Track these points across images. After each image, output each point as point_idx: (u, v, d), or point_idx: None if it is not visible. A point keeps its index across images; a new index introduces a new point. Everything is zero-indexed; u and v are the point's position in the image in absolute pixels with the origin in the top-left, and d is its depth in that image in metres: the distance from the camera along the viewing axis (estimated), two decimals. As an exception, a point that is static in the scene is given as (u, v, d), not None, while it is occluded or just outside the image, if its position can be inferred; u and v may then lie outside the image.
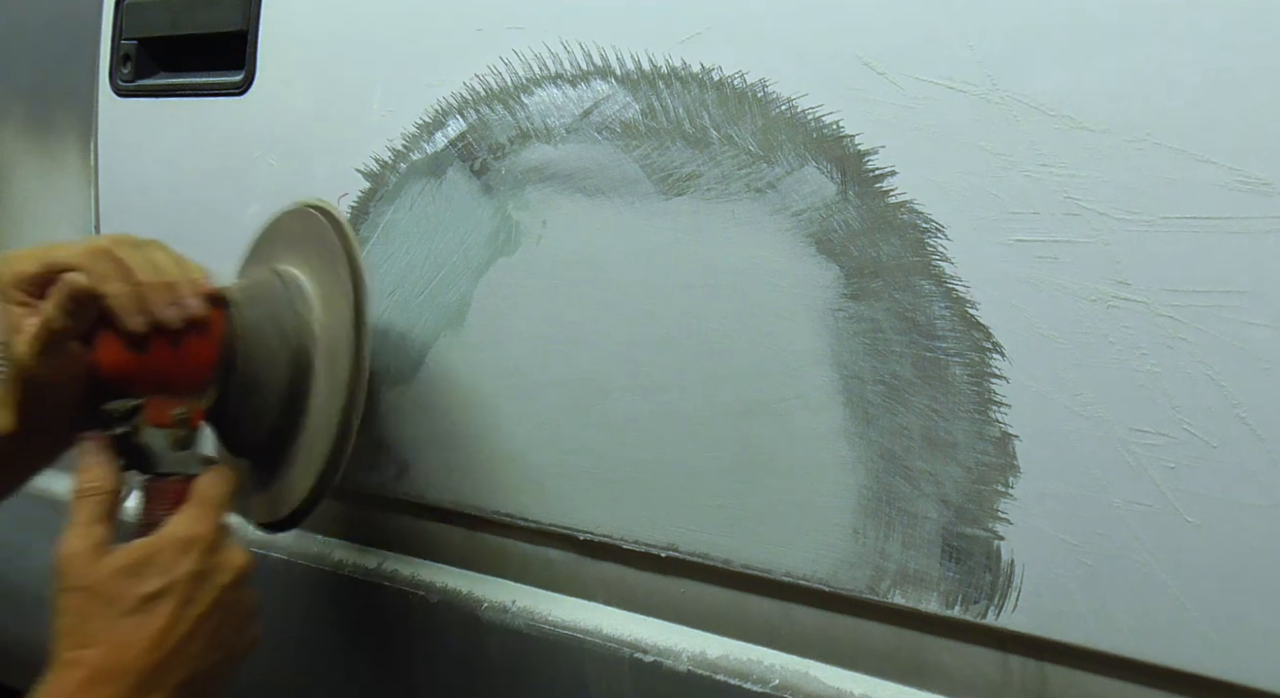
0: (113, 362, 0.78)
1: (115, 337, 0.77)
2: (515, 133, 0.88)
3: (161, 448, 0.79)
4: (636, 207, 0.83)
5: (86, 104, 1.18)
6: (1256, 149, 0.61)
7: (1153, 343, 0.64)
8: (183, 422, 0.79)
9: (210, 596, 0.75)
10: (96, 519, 0.76)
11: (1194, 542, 0.64)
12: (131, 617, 0.73)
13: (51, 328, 0.76)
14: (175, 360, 0.79)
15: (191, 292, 0.79)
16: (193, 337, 0.79)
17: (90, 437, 0.79)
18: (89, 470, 0.78)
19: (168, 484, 0.79)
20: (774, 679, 0.81)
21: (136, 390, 0.79)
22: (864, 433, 0.75)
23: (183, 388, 0.80)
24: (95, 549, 0.75)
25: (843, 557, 0.76)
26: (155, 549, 0.75)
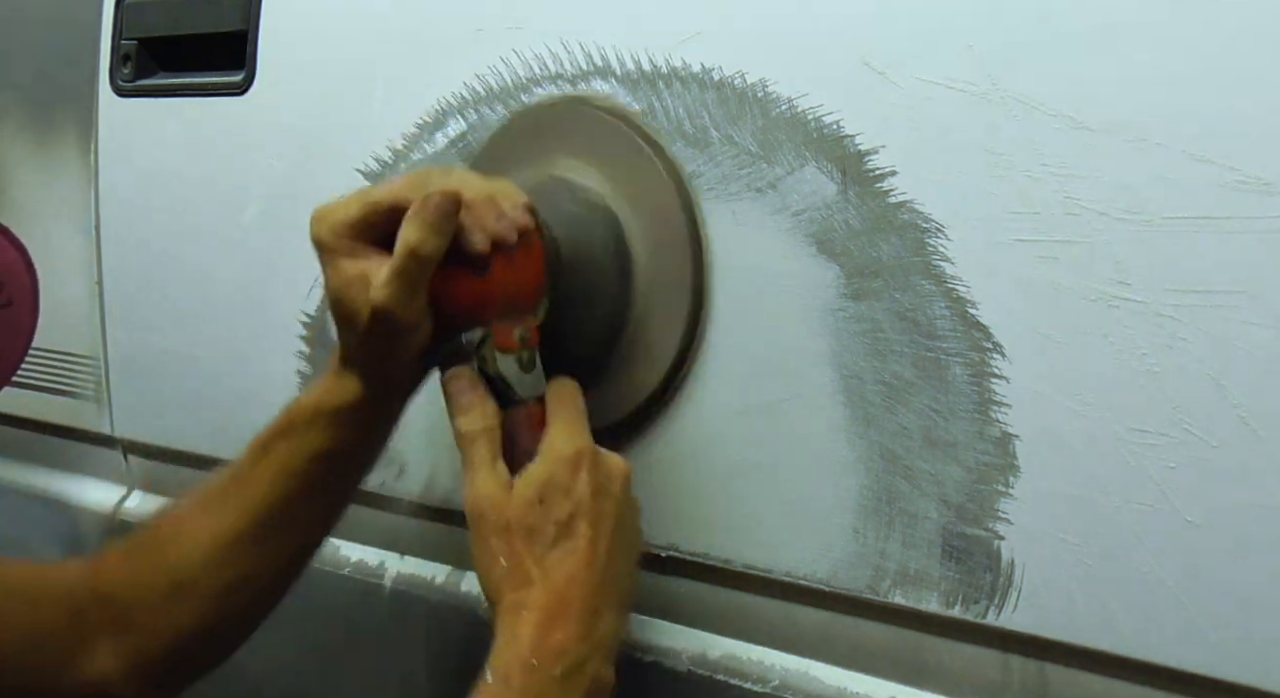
0: (459, 291, 0.74)
1: (455, 265, 0.73)
2: (515, 133, 0.88)
3: (512, 374, 0.76)
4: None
5: (86, 104, 1.18)
6: (1256, 149, 0.61)
7: (1153, 343, 0.64)
8: (525, 342, 0.76)
9: (613, 506, 0.74)
10: (494, 457, 0.74)
11: (1194, 542, 0.64)
12: (557, 546, 0.71)
13: (420, 252, 0.70)
14: (514, 278, 0.75)
15: (511, 204, 0.75)
16: (521, 251, 0.74)
17: (458, 373, 0.76)
18: (471, 409, 0.75)
19: (528, 409, 0.76)
20: (774, 679, 0.81)
21: (479, 318, 0.75)
22: (864, 433, 0.75)
23: (521, 307, 0.76)
24: (504, 487, 0.73)
25: (843, 557, 0.76)
26: (551, 474, 0.73)
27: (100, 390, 1.21)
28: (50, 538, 1.29)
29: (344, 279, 0.73)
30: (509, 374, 0.76)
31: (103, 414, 1.22)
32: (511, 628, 0.70)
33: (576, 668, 0.69)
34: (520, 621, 0.69)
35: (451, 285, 0.73)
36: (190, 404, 1.13)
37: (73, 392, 1.24)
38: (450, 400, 0.75)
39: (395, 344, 0.74)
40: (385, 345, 0.74)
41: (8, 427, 1.34)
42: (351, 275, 0.73)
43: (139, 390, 1.19)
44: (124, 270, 1.18)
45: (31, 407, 1.30)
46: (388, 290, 0.71)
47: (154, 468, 1.20)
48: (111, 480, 1.25)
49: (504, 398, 0.76)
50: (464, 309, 0.74)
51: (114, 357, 1.19)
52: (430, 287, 0.72)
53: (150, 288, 1.16)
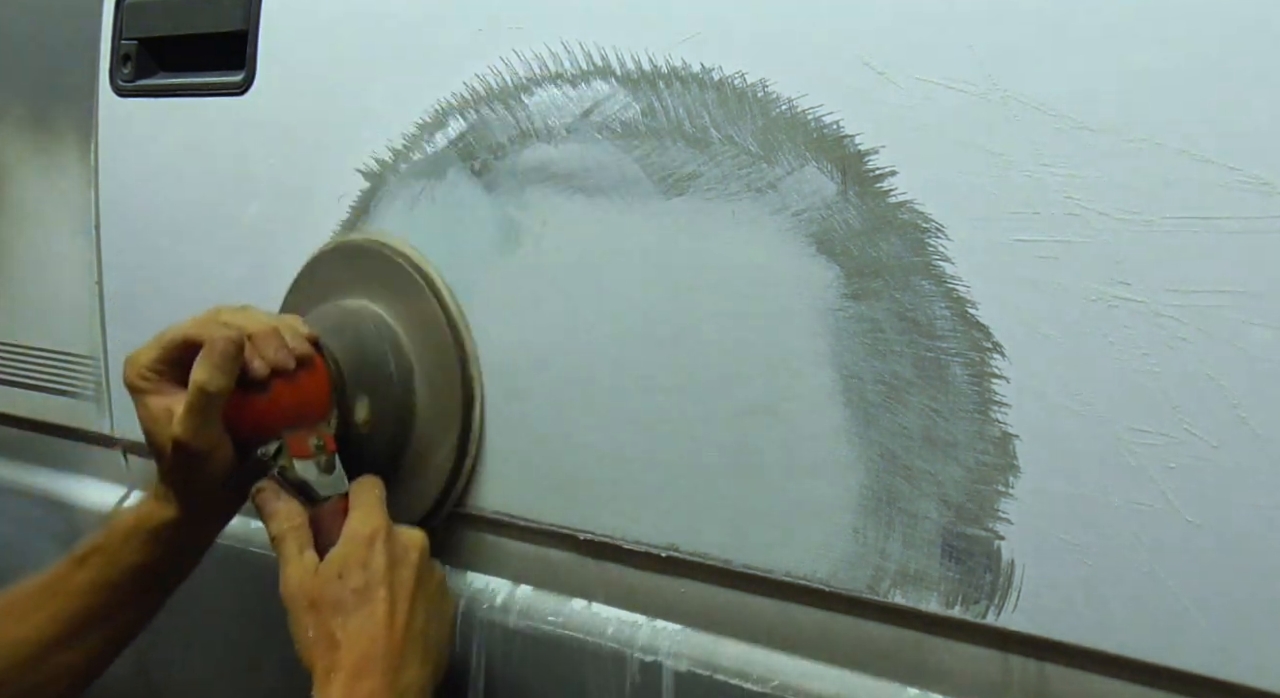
0: (247, 412, 0.84)
1: (242, 391, 0.83)
2: (515, 133, 0.89)
3: (313, 477, 0.86)
4: (636, 207, 0.83)
5: (86, 104, 1.18)
6: (1256, 149, 0.61)
7: (1153, 343, 0.64)
8: (320, 448, 0.86)
9: (410, 573, 0.82)
10: (301, 549, 0.83)
11: (1194, 542, 0.64)
12: (358, 612, 0.79)
13: (208, 390, 0.81)
14: (296, 396, 0.86)
15: (293, 335, 0.86)
16: (303, 371, 0.86)
17: (261, 486, 0.85)
18: (277, 512, 0.84)
19: (332, 505, 0.86)
20: (774, 679, 0.81)
21: (271, 433, 0.86)
22: (864, 433, 0.75)
23: (309, 418, 0.87)
24: (310, 571, 0.81)
25: (843, 557, 0.76)
26: (349, 551, 0.81)
27: (100, 390, 1.21)
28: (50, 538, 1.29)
29: (150, 415, 0.85)
30: (309, 477, 0.86)
31: (103, 414, 1.22)
32: (323, 690, 0.77)
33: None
34: (330, 682, 0.77)
35: (240, 408, 0.84)
36: (190, 404, 1.13)
37: (73, 392, 1.24)
38: (259, 511, 0.85)
39: (199, 469, 0.84)
40: (191, 470, 0.84)
41: (8, 427, 1.34)
42: (156, 412, 0.84)
43: (139, 390, 1.18)
44: (124, 270, 1.18)
45: (31, 407, 1.30)
46: (183, 425, 0.82)
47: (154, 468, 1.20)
48: (111, 480, 1.25)
49: (309, 498, 0.86)
50: (254, 428, 0.85)
51: (114, 357, 1.19)
52: (223, 413, 0.83)
53: (150, 288, 1.16)
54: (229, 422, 0.84)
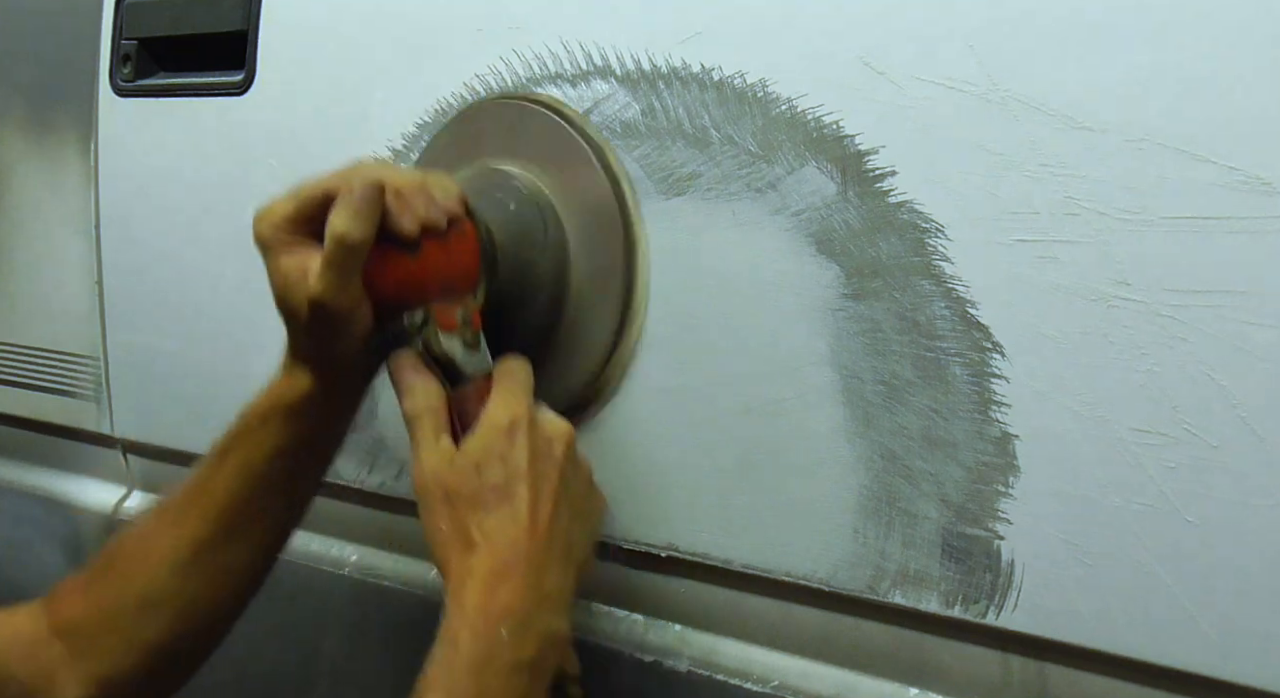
0: (392, 273, 0.76)
1: (387, 249, 0.75)
2: (515, 133, 0.88)
3: (457, 353, 0.78)
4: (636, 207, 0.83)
5: (86, 104, 1.18)
6: (1256, 149, 0.61)
7: (1153, 343, 0.64)
8: (467, 323, 0.78)
9: (553, 469, 0.75)
10: (437, 433, 0.75)
11: (1194, 542, 0.64)
12: (497, 511, 0.72)
13: (348, 240, 0.72)
14: (447, 260, 0.77)
15: (443, 194, 0.77)
16: (454, 234, 0.77)
17: (400, 356, 0.77)
18: (414, 390, 0.76)
19: (475, 386, 0.78)
20: (774, 679, 0.81)
21: (417, 300, 0.77)
22: (864, 433, 0.75)
23: (458, 288, 0.78)
24: (446, 460, 0.74)
25: (843, 557, 0.76)
26: (487, 442, 0.74)
27: (100, 390, 1.21)
28: (50, 538, 1.29)
29: (284, 275, 0.75)
30: (454, 353, 0.77)
31: (103, 414, 1.22)
32: (458, 595, 0.70)
33: (523, 626, 0.70)
34: (465, 587, 0.70)
35: (385, 269, 0.75)
36: (190, 404, 1.13)
37: (73, 392, 1.24)
38: (395, 384, 0.77)
39: (337, 333, 0.75)
40: (327, 335, 0.75)
41: (8, 427, 1.34)
42: (291, 270, 0.75)
43: (139, 390, 1.18)
44: (124, 270, 1.18)
45: (31, 407, 1.30)
46: (322, 282, 0.73)
47: (154, 468, 1.20)
48: (111, 480, 1.25)
49: (452, 377, 0.77)
50: (399, 291, 0.76)
51: (114, 357, 1.19)
52: (365, 273, 0.74)
53: (150, 288, 1.16)
54: (371, 283, 0.75)
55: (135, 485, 1.23)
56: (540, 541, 0.72)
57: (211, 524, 0.79)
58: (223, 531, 0.79)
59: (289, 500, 0.82)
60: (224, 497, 0.79)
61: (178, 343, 1.14)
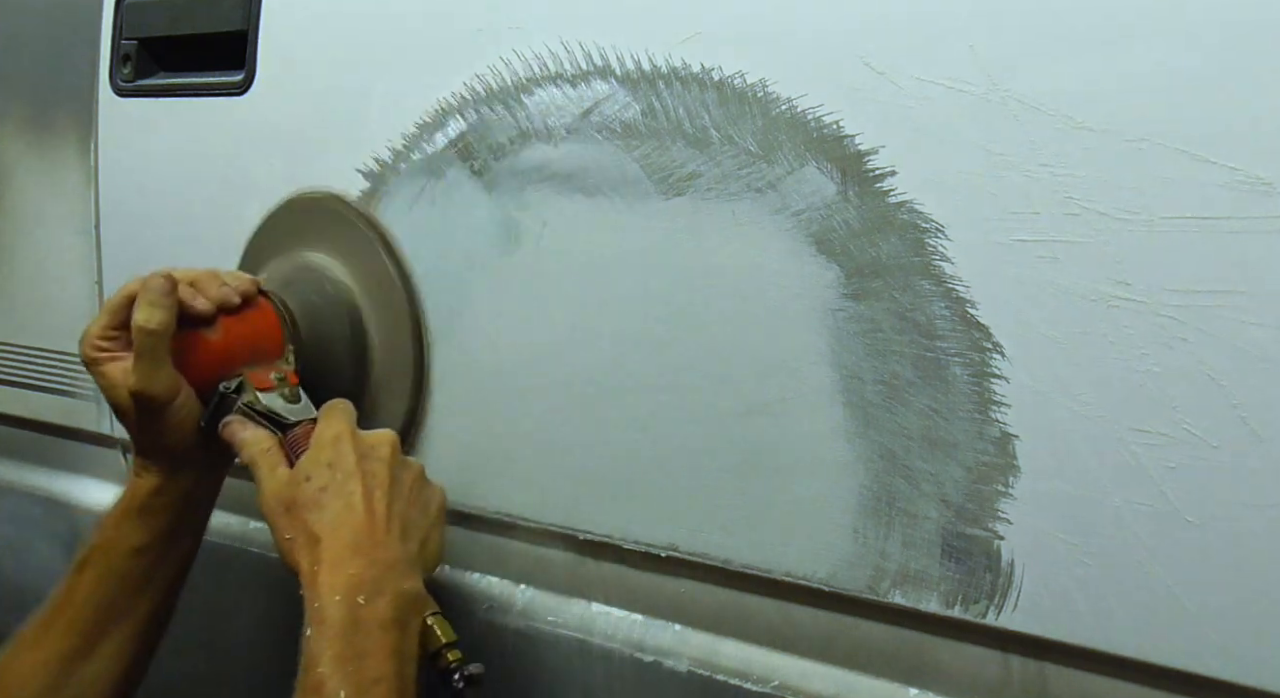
0: (199, 352, 0.85)
1: (190, 332, 0.85)
2: (515, 133, 0.89)
3: (279, 406, 0.86)
4: (636, 207, 0.83)
5: (86, 104, 1.18)
6: (1256, 149, 0.61)
7: (1153, 343, 0.64)
8: (283, 381, 0.87)
9: (382, 465, 0.81)
10: (273, 466, 0.82)
11: (1194, 542, 0.64)
12: (332, 505, 0.78)
13: (148, 328, 0.81)
14: (248, 330, 0.87)
15: (233, 277, 0.87)
16: (250, 309, 0.88)
17: (227, 421, 0.85)
18: (246, 440, 0.83)
19: (301, 429, 0.85)
20: (774, 679, 0.81)
21: (228, 370, 0.86)
22: (864, 433, 0.75)
23: (266, 355, 0.88)
24: (283, 480, 0.81)
25: (843, 557, 0.76)
26: (316, 454, 0.81)
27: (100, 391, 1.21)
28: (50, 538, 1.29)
29: (109, 382, 0.84)
30: (276, 407, 0.86)
31: (103, 414, 1.21)
32: (313, 581, 0.76)
33: (376, 590, 0.75)
34: (318, 574, 0.76)
35: (192, 349, 0.85)
36: (190, 404, 1.13)
37: (73, 392, 1.24)
38: (231, 443, 0.84)
39: (165, 420, 0.83)
40: (158, 425, 0.83)
41: (8, 427, 1.34)
42: (113, 375, 0.84)
43: (139, 390, 1.18)
44: (124, 270, 1.17)
45: (31, 407, 1.30)
46: (136, 372, 0.81)
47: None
48: (111, 481, 1.25)
49: (279, 426, 0.85)
50: (209, 366, 0.86)
51: (114, 357, 1.19)
52: (175, 359, 0.83)
53: (150, 288, 1.15)
54: (183, 365, 0.84)
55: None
56: (379, 522, 0.78)
57: (76, 637, 0.84)
58: (86, 641, 0.84)
59: (153, 597, 0.88)
60: (84, 607, 0.84)
61: (178, 343, 1.14)
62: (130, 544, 0.85)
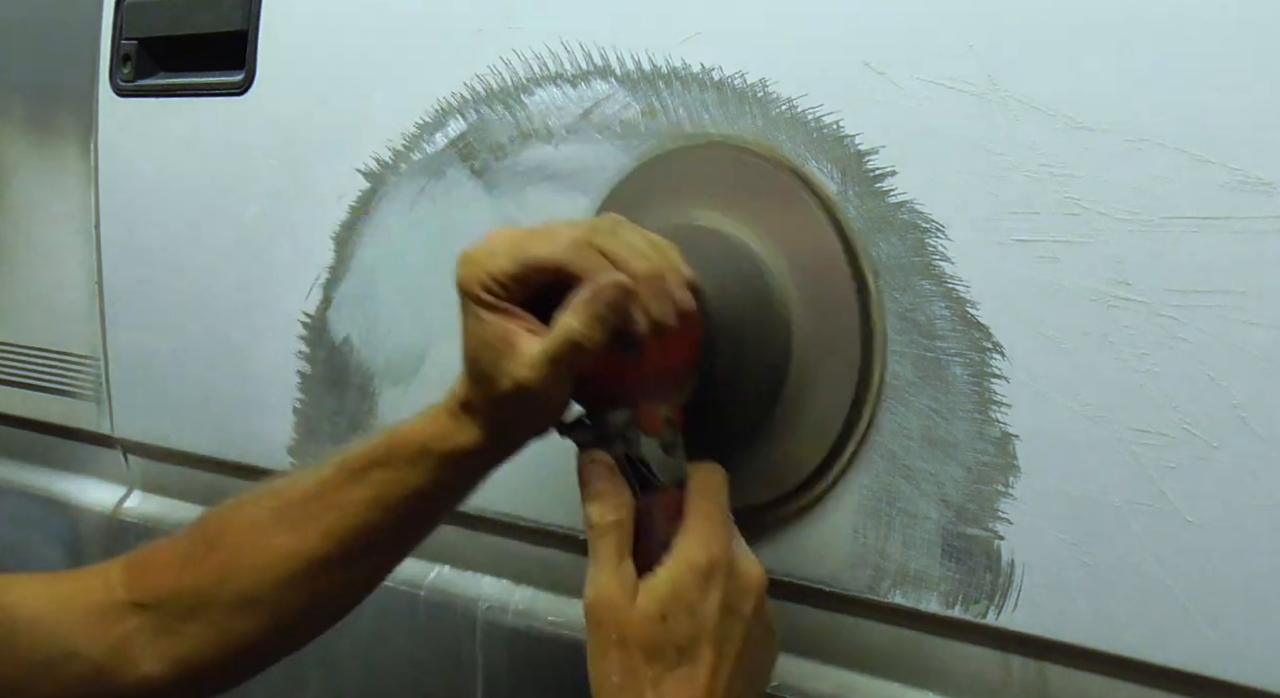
0: (609, 371, 0.69)
1: (607, 352, 0.68)
2: (515, 133, 0.89)
3: (654, 456, 0.70)
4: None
5: (86, 104, 1.18)
6: (1256, 149, 0.61)
7: (1153, 343, 0.64)
8: (670, 422, 0.71)
9: (741, 628, 0.68)
10: (621, 555, 0.69)
11: (1194, 542, 0.64)
12: (676, 671, 0.67)
13: (584, 345, 0.66)
14: (666, 359, 0.70)
15: (677, 281, 0.70)
16: (678, 329, 0.69)
17: (596, 458, 0.70)
18: (605, 499, 0.69)
19: (666, 497, 0.70)
20: (774, 679, 0.81)
21: (627, 399, 0.70)
22: (864, 433, 0.75)
23: (669, 387, 0.72)
24: (627, 593, 0.68)
25: (843, 557, 0.76)
26: (677, 587, 0.67)
27: (100, 390, 1.21)
28: (50, 538, 1.29)
29: (485, 336, 0.69)
30: (650, 457, 0.70)
31: (103, 414, 1.22)
32: None
33: None
34: None
35: (602, 366, 0.68)
36: (190, 404, 1.13)
37: (73, 392, 1.24)
38: (584, 486, 0.70)
39: (528, 415, 0.71)
40: (517, 414, 0.71)
41: (8, 427, 1.35)
42: (494, 333, 0.68)
43: (139, 390, 1.18)
44: (124, 270, 1.18)
45: (31, 407, 1.30)
46: (537, 372, 0.67)
47: (154, 468, 1.20)
48: (111, 480, 1.25)
49: (643, 483, 0.70)
50: (611, 390, 0.70)
51: (114, 357, 1.19)
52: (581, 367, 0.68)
53: (150, 288, 1.16)
54: (583, 376, 0.69)
55: (135, 485, 1.23)
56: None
57: (332, 545, 0.75)
58: (342, 554, 0.75)
59: (411, 535, 0.78)
60: (353, 521, 0.74)
61: (178, 343, 1.14)
62: (416, 485, 0.73)
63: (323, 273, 1.01)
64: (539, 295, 0.68)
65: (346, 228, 1.00)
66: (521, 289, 0.68)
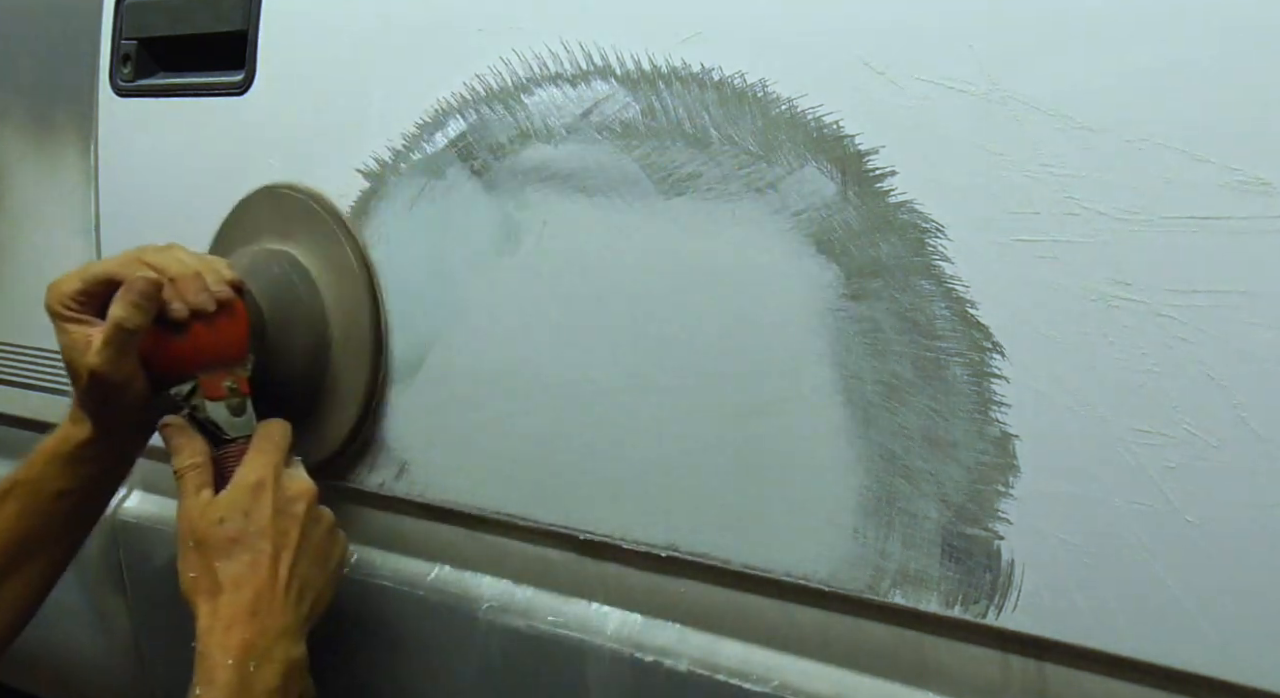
0: (162, 351, 0.88)
1: (159, 330, 0.87)
2: (515, 133, 0.89)
3: (223, 418, 0.89)
4: (636, 207, 0.83)
5: (86, 104, 1.18)
6: (1256, 149, 0.61)
7: (1153, 343, 0.64)
8: (234, 391, 0.90)
9: (294, 524, 0.86)
10: (200, 487, 0.86)
11: (1194, 542, 0.64)
12: (237, 559, 0.83)
13: (125, 327, 0.84)
14: (214, 338, 0.89)
15: (215, 279, 0.89)
16: (223, 315, 0.89)
17: (169, 420, 0.89)
18: (181, 448, 0.88)
19: (235, 447, 0.89)
20: (774, 679, 0.81)
21: (184, 373, 0.89)
22: (864, 433, 0.75)
23: (226, 362, 0.90)
24: (201, 510, 0.85)
25: (843, 557, 0.76)
26: (235, 497, 0.85)
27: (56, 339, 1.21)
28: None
29: (69, 342, 0.87)
30: (219, 419, 0.89)
31: (103, 414, 1.21)
32: (206, 637, 0.81)
33: (265, 658, 0.81)
34: (213, 630, 0.81)
35: (157, 347, 0.88)
36: (190, 404, 1.13)
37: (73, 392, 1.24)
38: (166, 443, 0.89)
39: (114, 397, 0.87)
40: (105, 398, 0.87)
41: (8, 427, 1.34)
42: (76, 339, 0.87)
43: (139, 390, 1.18)
44: (124, 270, 1.18)
45: (31, 407, 1.29)
46: (100, 356, 0.85)
47: (154, 468, 1.20)
48: (111, 480, 1.24)
49: (216, 439, 0.89)
50: (169, 366, 0.89)
51: (114, 357, 1.19)
52: (141, 348, 0.87)
53: (150, 288, 1.15)
54: (146, 359, 0.87)
55: (135, 485, 1.23)
56: (279, 588, 0.83)
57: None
58: (6, 564, 0.89)
59: (68, 540, 0.93)
60: (7, 533, 0.89)
61: (178, 343, 1.14)
62: (56, 487, 0.90)
63: (323, 273, 1.01)
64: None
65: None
66: (93, 301, 0.87)
